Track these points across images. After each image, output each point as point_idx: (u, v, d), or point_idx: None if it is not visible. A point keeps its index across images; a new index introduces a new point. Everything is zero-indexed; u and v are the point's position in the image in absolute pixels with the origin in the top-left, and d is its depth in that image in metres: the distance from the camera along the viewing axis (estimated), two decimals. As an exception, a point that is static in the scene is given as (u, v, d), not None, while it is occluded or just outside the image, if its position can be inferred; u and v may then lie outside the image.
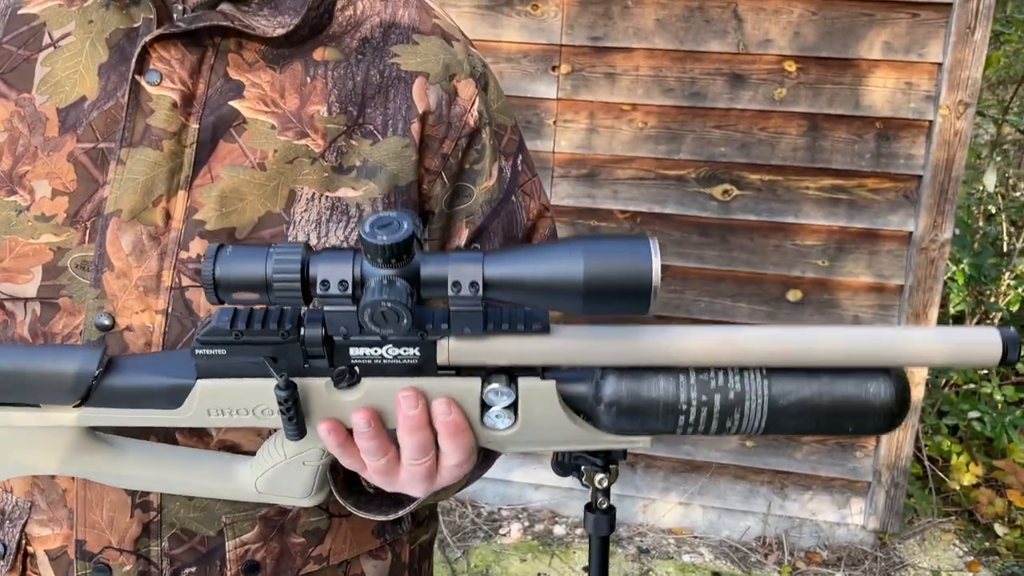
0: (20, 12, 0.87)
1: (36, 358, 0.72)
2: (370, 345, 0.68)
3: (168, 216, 0.82)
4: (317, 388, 0.70)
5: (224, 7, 0.83)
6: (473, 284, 0.63)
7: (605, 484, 0.74)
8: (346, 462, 0.75)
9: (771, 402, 0.65)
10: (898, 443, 2.94)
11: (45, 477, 0.85)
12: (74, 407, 0.72)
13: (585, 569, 2.96)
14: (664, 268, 2.92)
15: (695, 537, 3.13)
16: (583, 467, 0.74)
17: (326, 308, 0.65)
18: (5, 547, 0.88)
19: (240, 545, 0.87)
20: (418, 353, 0.68)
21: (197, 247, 0.81)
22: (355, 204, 0.84)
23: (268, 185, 0.83)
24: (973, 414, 3.45)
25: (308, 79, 0.85)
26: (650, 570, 2.97)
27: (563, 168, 2.90)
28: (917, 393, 2.90)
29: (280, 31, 0.82)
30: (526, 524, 3.15)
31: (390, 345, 0.68)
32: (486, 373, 0.69)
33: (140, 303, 0.81)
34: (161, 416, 0.72)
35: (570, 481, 3.10)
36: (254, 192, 0.82)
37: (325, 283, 0.63)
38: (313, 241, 0.83)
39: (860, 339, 0.65)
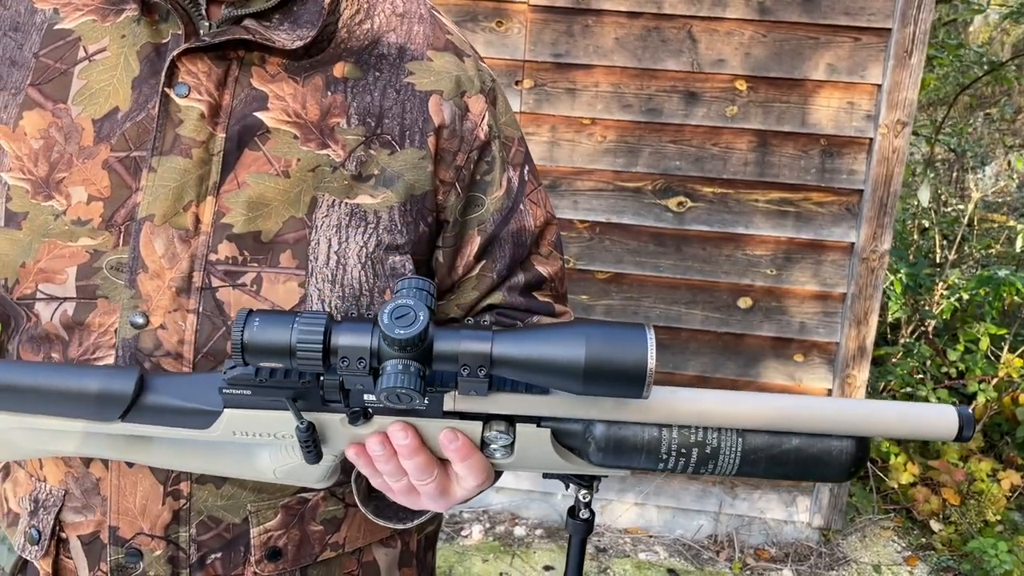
0: (56, 27, 0.90)
1: (82, 377, 0.78)
2: None
3: (198, 221, 0.86)
4: (333, 422, 0.76)
5: (248, 22, 0.86)
6: (481, 367, 0.68)
7: (588, 499, 0.81)
8: (376, 482, 0.82)
9: (743, 457, 0.72)
10: (841, 443, 3.08)
11: (79, 466, 0.90)
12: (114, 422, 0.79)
13: (547, 568, 3.04)
14: (622, 276, 3.03)
15: (650, 536, 3.23)
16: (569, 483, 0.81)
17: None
18: (40, 533, 0.92)
19: (264, 532, 0.91)
20: (427, 402, 0.73)
21: (225, 250, 0.86)
22: (373, 211, 0.89)
23: (292, 191, 0.87)
24: (910, 416, 3.61)
25: (329, 93, 0.89)
26: (608, 568, 3.06)
27: (525, 179, 2.98)
28: (859, 397, 3.05)
29: (299, 43, 0.86)
30: (487, 526, 3.22)
31: None
32: (487, 418, 0.75)
33: (173, 303, 0.85)
34: (191, 433, 0.79)
35: (529, 484, 3.19)
36: (279, 198, 0.87)
37: (345, 359, 0.68)
38: (334, 247, 0.88)
39: (829, 411, 0.70)
